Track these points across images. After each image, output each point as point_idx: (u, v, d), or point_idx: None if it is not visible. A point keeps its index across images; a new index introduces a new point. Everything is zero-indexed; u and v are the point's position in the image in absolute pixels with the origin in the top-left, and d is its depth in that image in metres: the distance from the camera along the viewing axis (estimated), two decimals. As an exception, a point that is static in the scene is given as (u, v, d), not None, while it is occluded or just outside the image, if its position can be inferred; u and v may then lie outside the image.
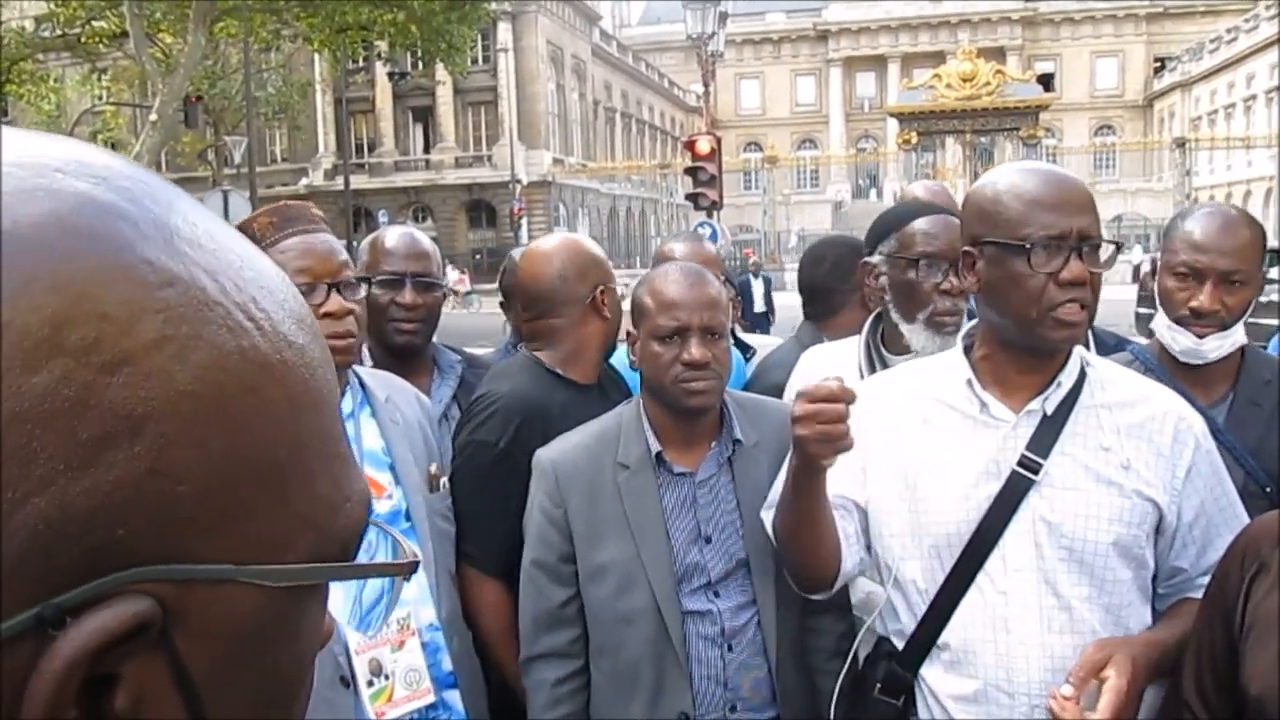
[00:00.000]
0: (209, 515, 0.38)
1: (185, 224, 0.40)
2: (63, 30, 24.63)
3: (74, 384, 0.35)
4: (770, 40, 74.71)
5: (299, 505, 0.42)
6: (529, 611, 2.03)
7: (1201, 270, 2.08)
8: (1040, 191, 1.62)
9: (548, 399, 2.22)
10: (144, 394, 0.36)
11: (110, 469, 0.35)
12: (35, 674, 0.35)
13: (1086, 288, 1.59)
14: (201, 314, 0.38)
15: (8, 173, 0.36)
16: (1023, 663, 1.62)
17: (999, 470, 1.65)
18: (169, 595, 0.37)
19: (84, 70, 32.01)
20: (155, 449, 0.36)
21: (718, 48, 18.79)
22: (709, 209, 15.46)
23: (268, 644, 0.42)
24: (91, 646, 0.35)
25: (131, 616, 0.36)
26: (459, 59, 22.94)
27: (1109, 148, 59.42)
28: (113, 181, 0.39)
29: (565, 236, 2.49)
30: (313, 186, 44.65)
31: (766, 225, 43.36)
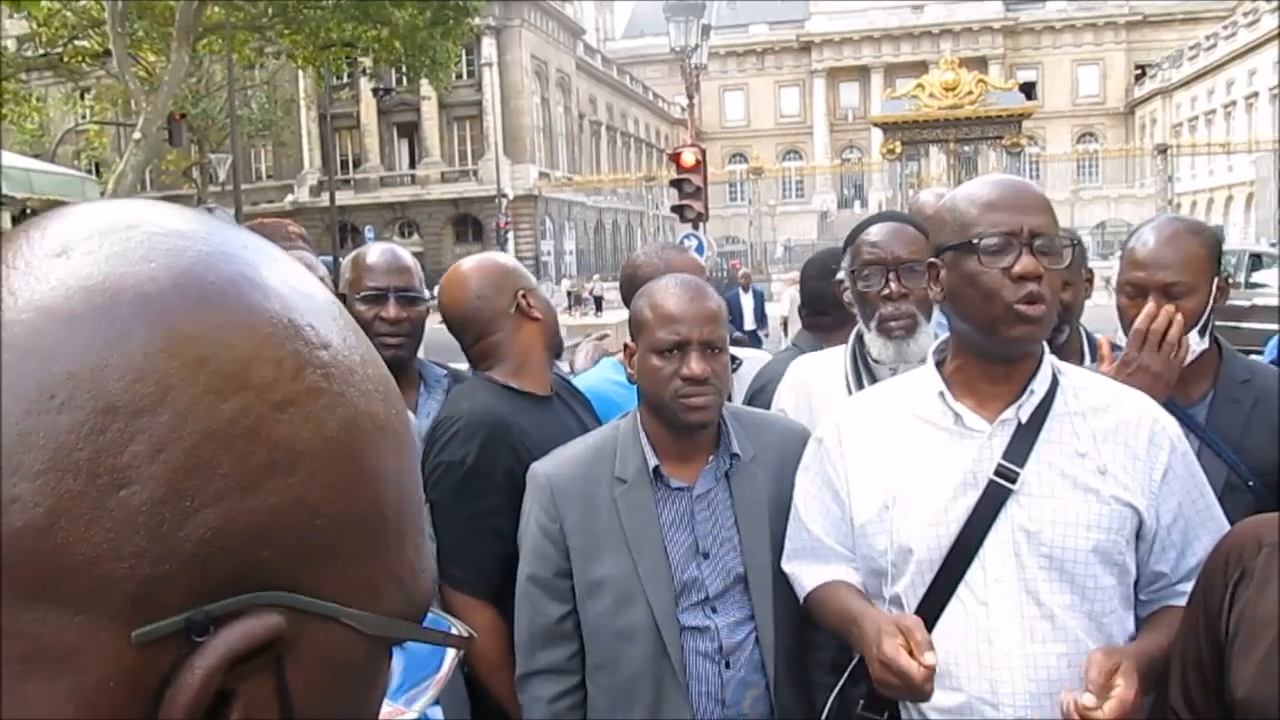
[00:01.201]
0: (330, 553, 0.42)
1: (331, 296, 0.46)
2: (45, 50, 24.58)
3: (252, 415, 0.40)
4: (754, 52, 75.03)
5: (393, 562, 0.45)
6: (525, 627, 2.02)
7: (1143, 285, 2.10)
8: (991, 195, 1.66)
9: (507, 413, 2.22)
10: (304, 434, 0.41)
11: (269, 494, 0.40)
12: (182, 673, 0.38)
13: (1042, 283, 1.59)
14: (346, 377, 0.44)
15: (200, 237, 0.43)
16: (1007, 674, 1.61)
17: (976, 481, 1.65)
18: (289, 622, 0.40)
19: (67, 89, 31.95)
20: (304, 483, 0.41)
21: (701, 60, 18.86)
22: (694, 221, 15.48)
23: (353, 689, 0.45)
24: (234, 653, 0.38)
25: (266, 631, 0.39)
26: (443, 74, 22.96)
27: (1091, 155, 59.69)
28: (273, 252, 0.46)
29: (475, 258, 2.50)
30: (298, 203, 44.58)
31: (752, 236, 43.40)
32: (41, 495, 0.37)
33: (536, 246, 45.67)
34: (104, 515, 0.37)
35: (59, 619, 0.37)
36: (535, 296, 2.37)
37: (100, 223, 0.42)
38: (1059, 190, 57.28)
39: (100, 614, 0.37)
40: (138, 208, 0.44)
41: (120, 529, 0.37)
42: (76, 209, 0.44)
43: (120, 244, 0.41)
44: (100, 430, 0.37)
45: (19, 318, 0.39)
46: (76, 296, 0.39)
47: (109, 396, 0.38)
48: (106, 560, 0.37)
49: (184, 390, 0.39)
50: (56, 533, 0.37)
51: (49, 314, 0.39)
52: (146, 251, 0.41)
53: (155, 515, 0.38)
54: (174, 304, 0.40)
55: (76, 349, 0.38)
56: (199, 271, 0.41)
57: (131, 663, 0.38)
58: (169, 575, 0.38)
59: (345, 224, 39.34)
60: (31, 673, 0.37)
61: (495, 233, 39.30)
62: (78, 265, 0.40)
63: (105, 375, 0.38)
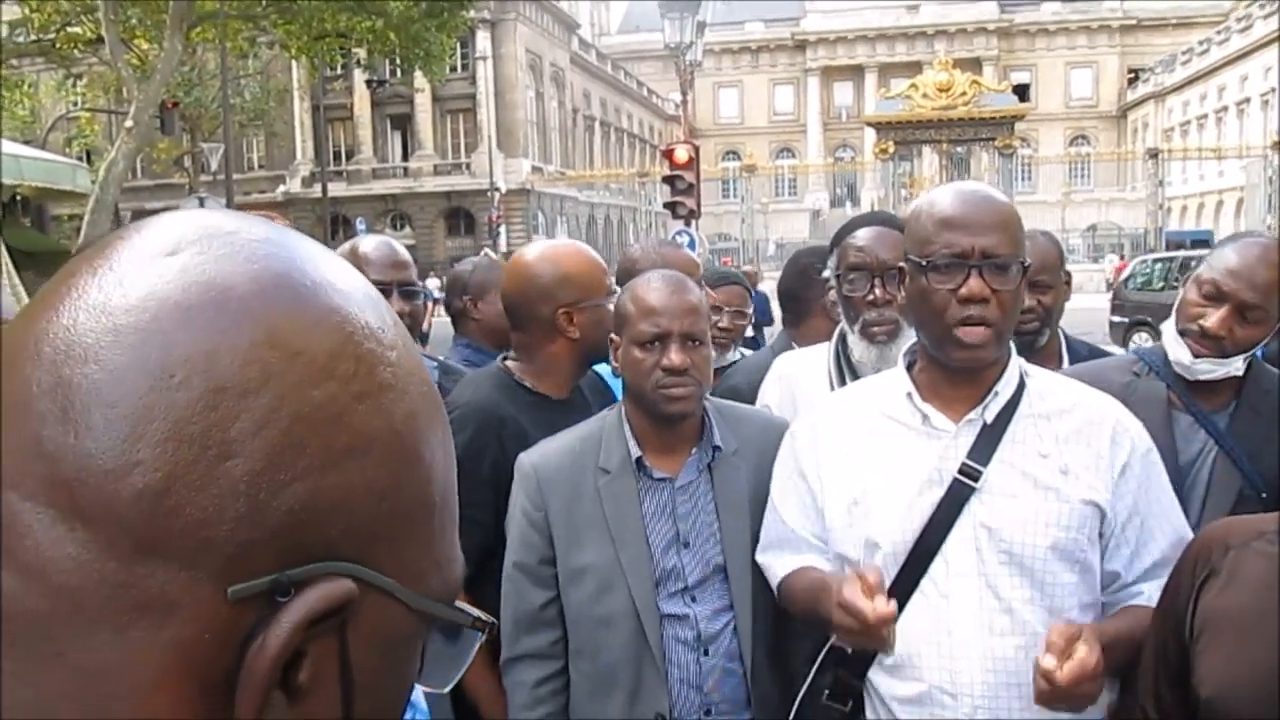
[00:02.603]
0: (390, 533, 0.47)
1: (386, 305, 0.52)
2: (37, 36, 24.42)
3: (337, 403, 0.45)
4: (748, 49, 75.01)
5: (437, 548, 0.51)
6: (510, 613, 2.05)
7: (1225, 294, 2.09)
8: (950, 211, 1.70)
9: (507, 410, 2.26)
10: (376, 423, 0.46)
11: (346, 474, 0.45)
12: (268, 628, 0.42)
13: (989, 305, 1.64)
14: (408, 375, 0.49)
15: (289, 245, 0.48)
16: (965, 664, 1.66)
17: (941, 479, 1.70)
18: (356, 595, 0.45)
19: (59, 76, 31.77)
20: (374, 468, 0.46)
21: (696, 57, 18.86)
22: (687, 217, 15.48)
23: (399, 662, 0.50)
24: (315, 612, 0.43)
25: (341, 594, 0.44)
26: (437, 67, 22.91)
27: (1084, 158, 59.94)
28: (343, 260, 0.52)
29: (549, 248, 2.44)
30: (290, 194, 44.47)
31: (745, 234, 43.44)
32: (160, 461, 0.41)
33: (529, 241, 45.50)
34: (211, 482, 0.41)
35: (167, 574, 0.41)
36: (585, 315, 2.28)
37: (203, 228, 0.47)
38: (1050, 192, 57.44)
39: (201, 571, 0.41)
40: (229, 216, 0.49)
41: (224, 496, 0.42)
42: (173, 216, 0.49)
43: (225, 247, 0.46)
44: (212, 407, 0.42)
45: (139, 305, 0.43)
46: (192, 290, 0.44)
47: (219, 378, 0.42)
48: (211, 523, 0.41)
49: (282, 377, 0.43)
50: (171, 495, 0.41)
51: (167, 304, 0.43)
52: (249, 254, 0.46)
53: (254, 485, 0.42)
54: (274, 301, 0.45)
55: (192, 335, 0.43)
56: (294, 274, 0.46)
57: (224, 617, 0.42)
58: (260, 541, 0.42)
59: (337, 215, 39.25)
60: (140, 620, 0.41)
61: (487, 226, 39.24)
62: (189, 263, 0.45)
63: (217, 360, 0.42)
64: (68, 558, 0.41)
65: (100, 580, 0.41)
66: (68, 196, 15.18)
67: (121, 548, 0.41)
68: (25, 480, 0.41)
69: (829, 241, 2.61)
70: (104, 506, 0.41)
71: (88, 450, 0.41)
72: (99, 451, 0.41)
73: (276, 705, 0.43)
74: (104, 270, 0.45)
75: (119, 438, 0.41)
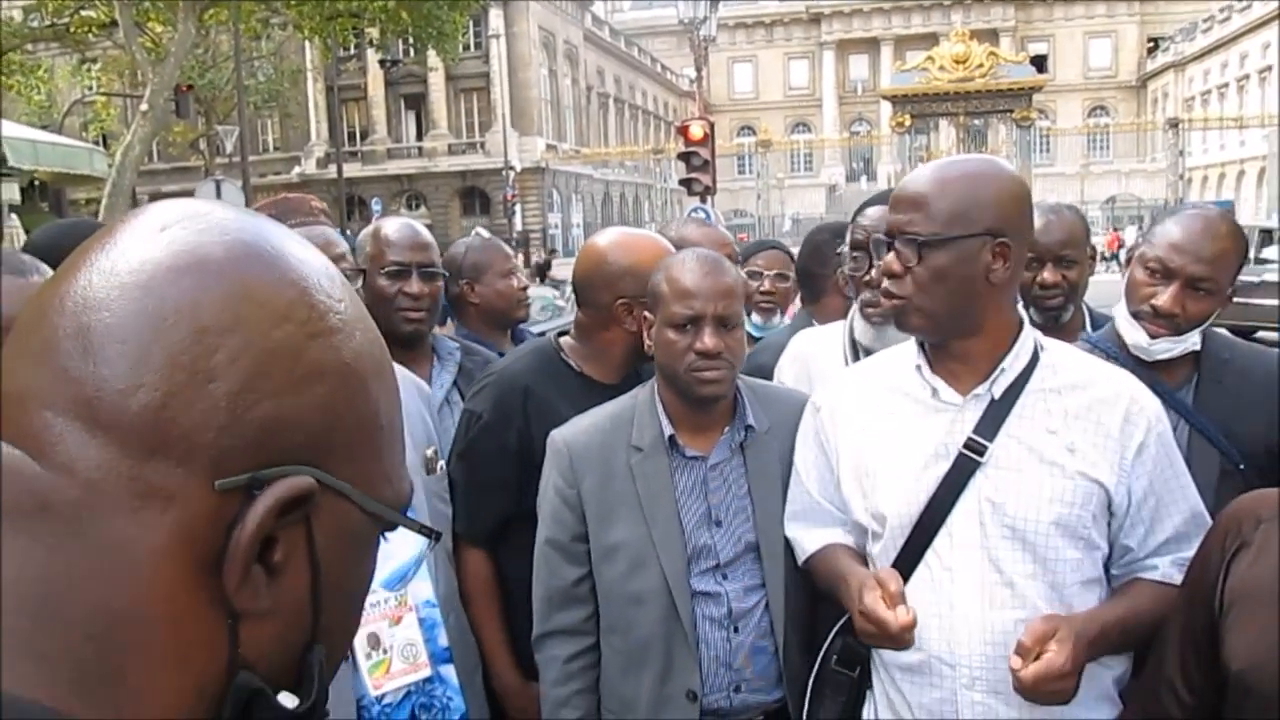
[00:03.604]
0: (344, 445, 0.59)
1: (337, 271, 0.65)
2: (52, 20, 24.46)
3: (294, 340, 0.57)
4: (763, 24, 74.44)
5: (386, 463, 0.63)
6: (542, 588, 2.07)
7: (1172, 270, 2.07)
8: (895, 190, 1.76)
9: (537, 381, 2.27)
10: (328, 357, 0.58)
11: (305, 397, 0.57)
12: (247, 515, 0.54)
13: (901, 279, 1.69)
14: (353, 324, 0.61)
15: (253, 222, 0.61)
16: (964, 636, 1.68)
17: (948, 452, 1.71)
18: (315, 490, 0.57)
19: (74, 61, 31.81)
20: (328, 393, 0.58)
21: (710, 32, 18.74)
22: (702, 194, 15.43)
23: (355, 554, 0.62)
24: (282, 500, 0.55)
25: (305, 487, 0.56)
26: (450, 45, 22.84)
27: (1102, 129, 59.38)
28: (297, 235, 0.65)
29: (625, 235, 2.38)
30: (305, 175, 44.52)
31: (760, 210, 43.30)
32: (159, 383, 0.53)
33: (544, 219, 45.60)
34: (199, 399, 0.54)
35: (167, 469, 0.53)
36: (644, 308, 2.12)
37: (186, 210, 0.60)
38: (1069, 164, 56.98)
39: (194, 469, 0.53)
40: (210, 203, 0.62)
41: (209, 410, 0.54)
42: (165, 203, 0.61)
43: (203, 223, 0.58)
44: (197, 343, 0.54)
45: (139, 268, 0.56)
46: (179, 256, 0.56)
47: (202, 321, 0.55)
48: (199, 430, 0.53)
49: (250, 321, 0.56)
50: (168, 409, 0.53)
51: (160, 267, 0.56)
52: (223, 229, 0.58)
53: (232, 403, 0.54)
54: (243, 264, 0.57)
55: (180, 290, 0.55)
56: (260, 244, 0.59)
57: (213, 505, 0.54)
58: (238, 446, 0.54)
59: (352, 196, 39.26)
60: (149, 506, 0.53)
61: (502, 205, 39.21)
62: (176, 236, 0.57)
63: (200, 307, 0.55)
64: (92, 458, 0.52)
65: (118, 475, 0.52)
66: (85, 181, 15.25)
67: (132, 449, 0.52)
68: (57, 400, 0.53)
69: (845, 215, 2.60)
70: (118, 417, 0.53)
71: (104, 375, 0.53)
72: (113, 376, 0.53)
73: (257, 579, 0.55)
74: (110, 244, 0.57)
75: (128, 365, 0.53)
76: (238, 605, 0.54)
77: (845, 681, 1.85)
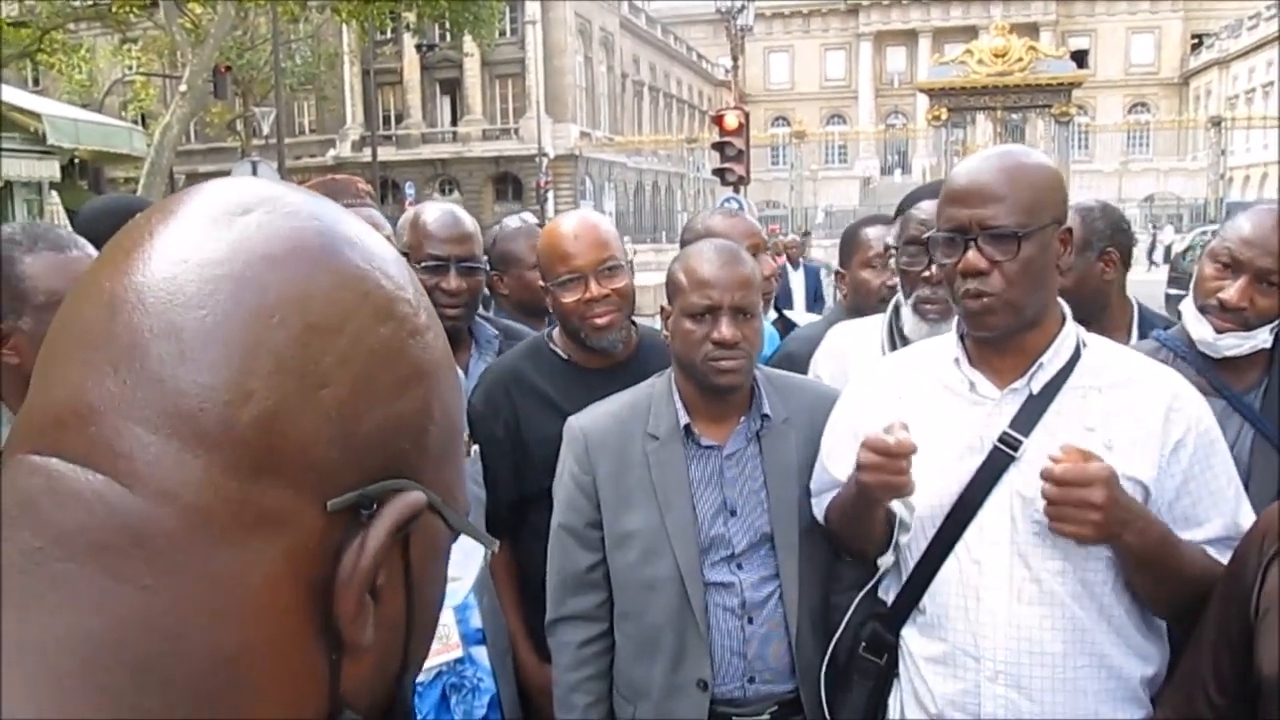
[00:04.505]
0: (438, 453, 0.53)
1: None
2: (94, 0, 24.72)
3: (398, 339, 0.51)
4: (800, 14, 73.94)
5: (458, 470, 0.57)
6: (556, 574, 2.08)
7: (1241, 263, 2.03)
8: (951, 184, 1.72)
9: (530, 371, 2.33)
10: (426, 356, 0.53)
11: (409, 401, 0.51)
12: (368, 533, 0.48)
13: (988, 276, 1.64)
14: (435, 319, 0.56)
15: (329, 207, 0.54)
16: (990, 629, 1.68)
17: (982, 445, 1.71)
18: (424, 507, 0.51)
19: (115, 41, 32.14)
20: (426, 395, 0.52)
21: (747, 21, 18.64)
22: (735, 184, 15.38)
23: (440, 574, 0.57)
24: (402, 520, 0.49)
25: (419, 504, 0.50)
26: (486, 31, 22.91)
27: (1143, 126, 58.50)
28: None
29: (575, 217, 2.41)
30: (340, 158, 44.75)
31: (794, 201, 43.09)
32: (269, 391, 0.46)
33: (576, 206, 45.57)
34: (310, 409, 0.47)
35: (277, 491, 0.46)
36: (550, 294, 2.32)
37: (259, 192, 0.52)
38: (1108, 161, 56.31)
39: (304, 488, 0.47)
40: (274, 185, 0.54)
41: (320, 420, 0.47)
42: (223, 183, 0.54)
43: (288, 208, 0.51)
44: (306, 344, 0.48)
45: (230, 257, 0.48)
46: (274, 242, 0.49)
47: (311, 317, 0.48)
48: (311, 444, 0.47)
49: (357, 316, 0.50)
50: (279, 421, 0.46)
51: (254, 255, 0.48)
52: (311, 214, 0.52)
53: (343, 411, 0.48)
54: (340, 252, 0.51)
55: (282, 281, 0.48)
56: (348, 231, 0.52)
57: (322, 528, 0.48)
58: (348, 460, 0.48)
59: (386, 180, 39.44)
60: (258, 533, 0.46)
61: (535, 192, 39.27)
62: (263, 220, 0.50)
63: (308, 301, 0.48)
64: (194, 481, 0.45)
65: (223, 499, 0.45)
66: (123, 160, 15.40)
67: (240, 469, 0.45)
68: (150, 415, 0.45)
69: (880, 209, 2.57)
70: (225, 433, 0.45)
71: (209, 384, 0.46)
72: (218, 385, 0.46)
73: (368, 609, 0.49)
74: (182, 229, 0.50)
75: (234, 372, 0.46)
76: (349, 639, 0.49)
77: (873, 668, 1.85)
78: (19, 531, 0.45)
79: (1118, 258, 2.61)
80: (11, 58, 25.44)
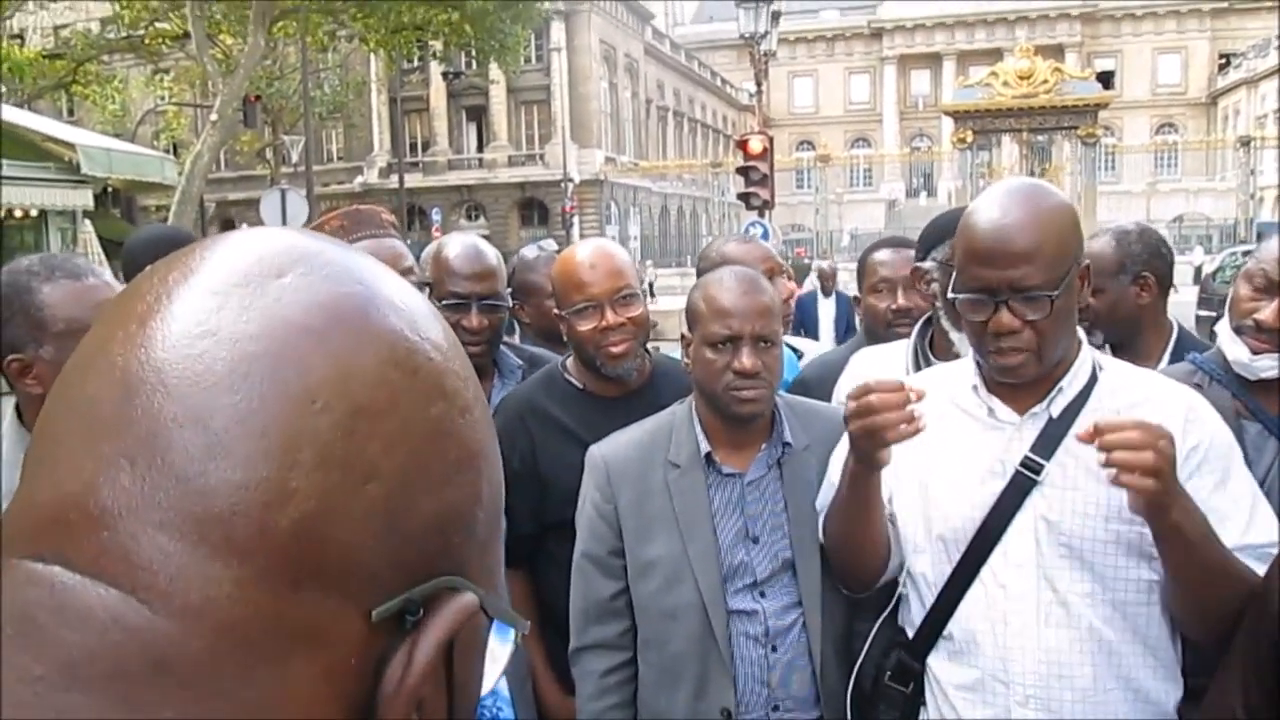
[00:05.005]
0: (484, 538, 0.48)
1: None
2: (127, 32, 25.18)
3: (448, 419, 0.46)
4: (824, 38, 74.14)
5: (500, 549, 0.52)
6: (579, 602, 2.07)
7: (1276, 284, 2.01)
8: (974, 242, 1.67)
9: (545, 400, 2.33)
10: (476, 435, 0.48)
11: (457, 487, 0.46)
12: (416, 646, 0.43)
13: (1020, 333, 1.63)
14: (479, 386, 0.50)
15: (372, 266, 0.48)
16: (1019, 654, 1.67)
17: (1004, 470, 1.71)
18: (477, 610, 0.46)
19: (147, 71, 32.69)
20: (475, 478, 0.47)
21: (770, 46, 18.70)
22: (761, 208, 15.39)
23: (479, 664, 0.49)
24: (455, 627, 0.44)
25: (472, 608, 0.45)
26: (512, 58, 23.11)
27: (1170, 146, 58.14)
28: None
29: (589, 247, 2.39)
30: (368, 185, 45.19)
31: (819, 225, 43.11)
32: (313, 489, 0.41)
33: (601, 232, 45.76)
34: (356, 506, 0.41)
35: (318, 602, 0.41)
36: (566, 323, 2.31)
37: (293, 248, 0.46)
38: (1135, 182, 55.93)
39: (348, 597, 0.41)
40: (308, 238, 0.48)
41: (366, 519, 0.42)
42: (247, 237, 0.47)
43: (324, 267, 0.45)
44: (351, 431, 0.42)
45: (266, 331, 0.42)
46: (313, 312, 0.43)
47: (356, 400, 0.42)
48: (356, 548, 0.41)
49: (407, 396, 0.44)
50: (323, 523, 0.41)
51: (292, 327, 0.43)
52: (347, 275, 0.46)
53: (390, 506, 0.42)
54: (386, 321, 0.45)
55: (325, 359, 0.42)
56: (389, 294, 0.46)
57: (366, 639, 0.42)
58: (394, 561, 0.43)
59: (413, 206, 39.78)
60: (296, 652, 0.40)
61: (561, 217, 39.46)
62: (300, 284, 0.44)
63: (351, 381, 0.42)
64: (225, 596, 0.39)
65: (257, 615, 0.40)
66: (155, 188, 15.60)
67: (277, 580, 0.40)
68: (173, 518, 0.40)
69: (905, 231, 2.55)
70: (261, 539, 0.40)
71: (243, 482, 0.40)
72: (254, 483, 0.40)
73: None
74: (207, 292, 0.43)
75: (274, 468, 0.40)
76: None
77: (899, 697, 1.84)
78: (18, 655, 0.38)
79: (1153, 281, 2.57)
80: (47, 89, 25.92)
